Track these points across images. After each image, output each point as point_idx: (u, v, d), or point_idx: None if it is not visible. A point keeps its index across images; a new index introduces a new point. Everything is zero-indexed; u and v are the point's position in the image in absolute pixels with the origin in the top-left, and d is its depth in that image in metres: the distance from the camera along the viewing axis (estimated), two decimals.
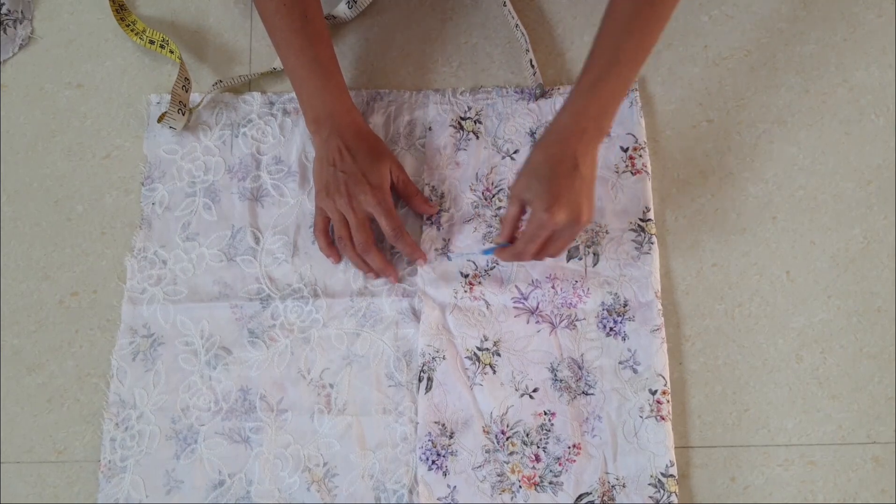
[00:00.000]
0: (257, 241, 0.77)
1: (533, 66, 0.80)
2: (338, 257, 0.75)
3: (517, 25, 0.82)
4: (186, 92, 0.80)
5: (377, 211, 0.72)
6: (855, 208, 0.76)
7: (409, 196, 0.76)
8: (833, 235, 0.76)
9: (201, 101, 0.81)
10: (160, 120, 0.79)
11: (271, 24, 0.72)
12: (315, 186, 0.75)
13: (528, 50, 0.81)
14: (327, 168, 0.73)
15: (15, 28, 0.85)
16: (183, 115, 0.79)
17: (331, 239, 0.75)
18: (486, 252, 0.75)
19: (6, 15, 0.85)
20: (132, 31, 0.83)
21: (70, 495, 0.72)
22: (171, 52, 0.82)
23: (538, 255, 0.69)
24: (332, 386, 0.73)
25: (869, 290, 0.74)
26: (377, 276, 0.75)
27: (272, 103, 0.81)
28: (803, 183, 0.77)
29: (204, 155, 0.80)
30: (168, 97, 0.81)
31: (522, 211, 0.69)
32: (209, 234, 0.78)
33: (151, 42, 0.83)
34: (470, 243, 0.76)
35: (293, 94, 0.81)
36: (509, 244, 0.71)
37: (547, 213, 0.65)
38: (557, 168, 0.66)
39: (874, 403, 0.71)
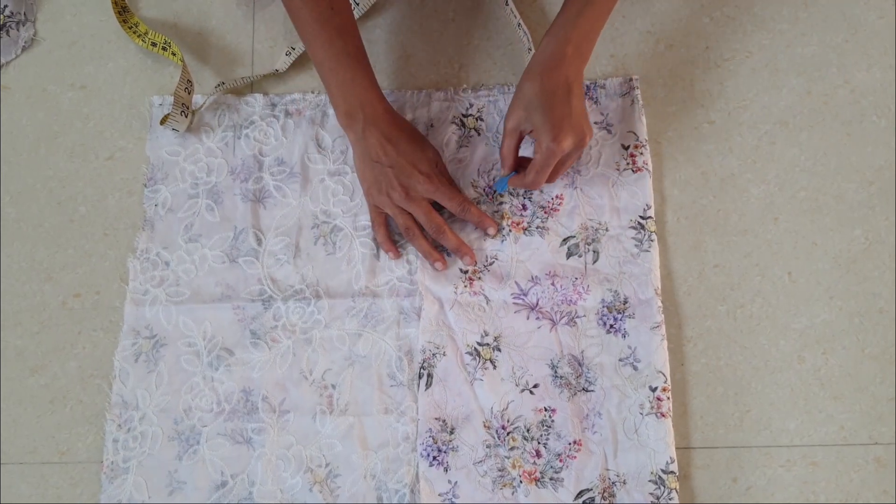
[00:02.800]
0: (259, 242, 0.77)
1: None
2: (397, 252, 0.75)
3: (519, 24, 0.82)
4: (189, 94, 0.80)
5: (437, 195, 0.73)
6: (857, 209, 0.76)
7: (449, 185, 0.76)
8: (835, 236, 0.76)
9: (204, 102, 0.81)
10: (163, 122, 0.79)
11: (298, 17, 0.71)
12: (362, 185, 0.75)
13: (530, 49, 0.81)
14: (372, 165, 0.72)
15: (18, 30, 0.85)
16: (186, 116, 0.79)
17: (389, 233, 0.76)
18: (498, 188, 0.76)
19: (9, 17, 0.85)
20: (134, 33, 0.84)
21: (72, 496, 0.73)
22: (174, 54, 0.82)
23: (549, 180, 0.73)
24: (333, 386, 0.73)
25: (871, 290, 0.74)
26: (445, 265, 0.74)
27: (274, 105, 0.81)
28: (805, 184, 0.77)
29: (206, 156, 0.80)
30: (170, 99, 0.81)
31: (520, 141, 0.72)
32: (211, 235, 0.78)
33: (153, 44, 0.83)
34: (472, 238, 0.76)
35: (295, 96, 0.81)
36: (515, 172, 0.74)
37: (555, 142, 0.67)
38: (554, 97, 0.68)
39: (876, 404, 0.71)
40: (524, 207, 0.76)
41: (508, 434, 0.70)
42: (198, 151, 0.80)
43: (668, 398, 0.70)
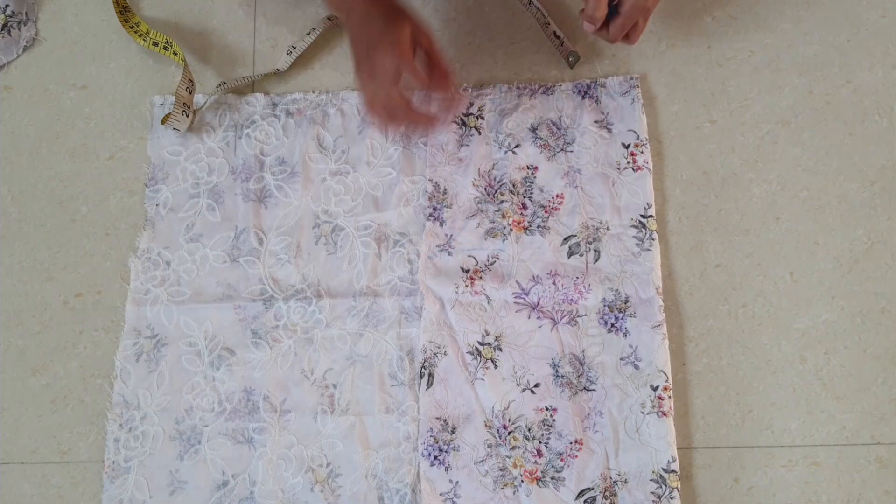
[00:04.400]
0: (261, 242, 0.77)
1: (559, 37, 0.80)
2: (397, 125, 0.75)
3: (531, 2, 0.81)
4: (190, 94, 0.80)
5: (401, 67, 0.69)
6: (859, 209, 0.76)
7: (432, 65, 0.72)
8: (837, 236, 0.75)
9: (205, 102, 0.81)
10: (164, 121, 0.79)
11: None
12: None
13: (548, 23, 0.80)
14: (353, 46, 0.71)
15: (19, 30, 0.85)
16: (187, 116, 0.79)
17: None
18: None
19: (10, 17, 0.85)
20: (136, 32, 0.84)
21: (74, 496, 0.73)
22: (175, 53, 0.82)
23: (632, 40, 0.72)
24: (335, 386, 0.73)
25: (873, 290, 0.74)
26: (435, 121, 0.73)
27: (275, 104, 0.81)
28: (807, 184, 0.77)
29: (207, 156, 0.80)
30: (172, 98, 0.81)
31: None
32: (213, 235, 0.78)
33: (155, 44, 0.83)
34: (472, 239, 0.76)
35: (296, 96, 0.81)
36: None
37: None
38: None
39: (878, 404, 0.71)
40: (524, 206, 0.76)
41: (510, 433, 0.70)
42: (199, 151, 0.80)
43: (670, 397, 0.70)
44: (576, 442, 0.70)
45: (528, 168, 0.78)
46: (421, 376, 0.72)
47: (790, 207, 0.76)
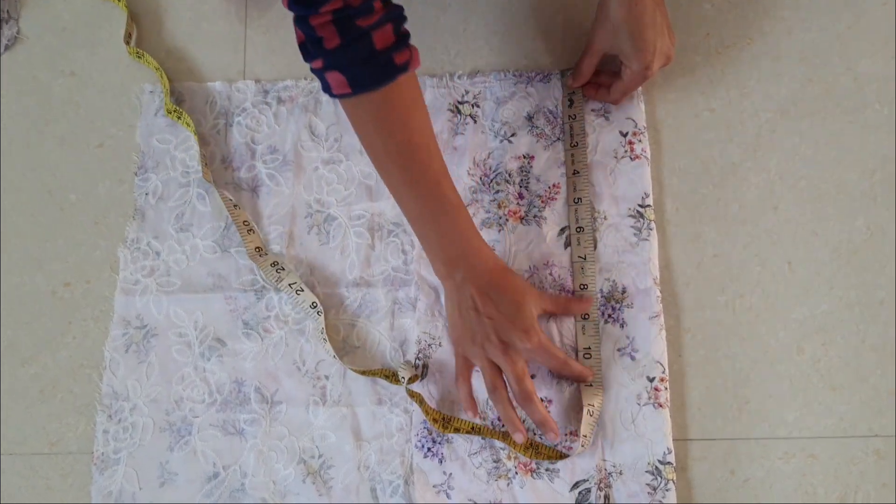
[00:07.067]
0: (252, 231, 0.76)
1: None
2: (477, 411, 0.69)
3: None
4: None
5: (537, 353, 0.67)
6: (858, 199, 0.75)
7: (567, 309, 0.71)
8: (835, 226, 0.75)
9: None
10: None
11: (384, 167, 0.68)
12: (452, 333, 0.70)
13: None
14: (468, 313, 0.68)
15: (0, 28, 0.84)
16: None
17: (472, 390, 0.70)
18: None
19: None
20: None
21: (63, 487, 0.72)
22: None
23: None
24: (327, 377, 0.72)
25: (871, 281, 0.73)
26: (525, 437, 0.67)
27: (266, 92, 0.80)
28: (806, 173, 0.76)
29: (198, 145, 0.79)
30: (161, 87, 0.80)
31: (600, 61, 0.75)
32: (203, 224, 0.77)
33: None
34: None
35: (287, 83, 0.80)
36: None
37: (648, 70, 0.71)
38: (642, 20, 0.69)
39: (876, 396, 0.71)
40: (521, 196, 0.76)
41: (504, 425, 0.69)
42: (189, 139, 0.79)
43: (666, 388, 0.69)
44: (571, 433, 0.69)
45: (525, 157, 0.77)
46: (415, 367, 0.71)
47: (789, 197, 0.76)
